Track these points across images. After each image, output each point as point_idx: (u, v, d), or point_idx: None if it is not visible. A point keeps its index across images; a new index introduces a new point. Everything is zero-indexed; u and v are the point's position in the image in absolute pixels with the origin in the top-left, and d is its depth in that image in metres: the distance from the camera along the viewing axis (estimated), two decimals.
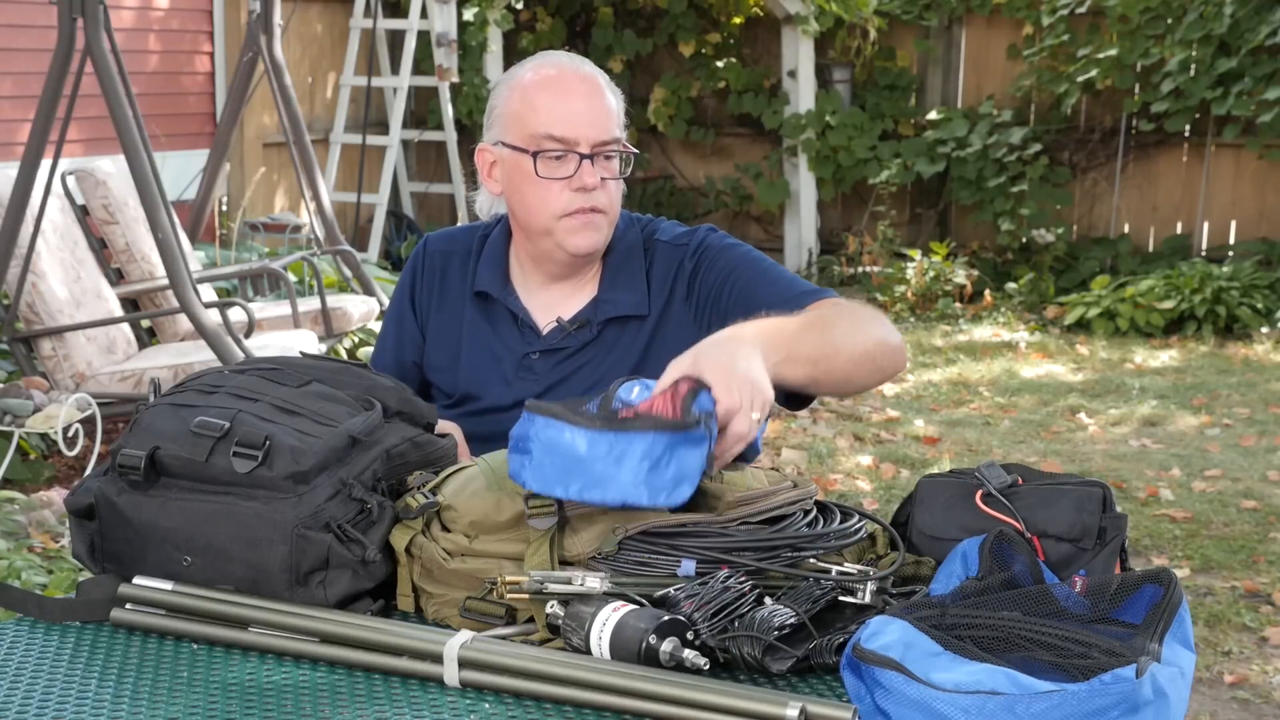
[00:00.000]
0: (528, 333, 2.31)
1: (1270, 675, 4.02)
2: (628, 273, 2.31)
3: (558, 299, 2.32)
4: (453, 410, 2.33)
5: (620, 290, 2.30)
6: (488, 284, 2.34)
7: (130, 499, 1.76)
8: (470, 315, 2.35)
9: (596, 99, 2.23)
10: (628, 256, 2.32)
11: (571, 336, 2.29)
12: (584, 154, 2.20)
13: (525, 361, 2.30)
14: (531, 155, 2.21)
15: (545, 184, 2.22)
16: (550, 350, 2.30)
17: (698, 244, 2.30)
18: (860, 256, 9.90)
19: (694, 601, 1.62)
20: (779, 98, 10.33)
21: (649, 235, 2.34)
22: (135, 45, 7.79)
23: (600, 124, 2.21)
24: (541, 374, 2.29)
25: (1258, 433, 6.53)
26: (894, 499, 5.07)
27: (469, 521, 1.76)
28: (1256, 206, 9.59)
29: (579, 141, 2.20)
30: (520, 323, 2.32)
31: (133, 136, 5.20)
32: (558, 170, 2.21)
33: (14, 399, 4.79)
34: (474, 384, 2.32)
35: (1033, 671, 1.44)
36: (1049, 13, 9.77)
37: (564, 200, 2.22)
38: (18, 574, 3.83)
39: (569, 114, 2.20)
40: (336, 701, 1.57)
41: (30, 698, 1.58)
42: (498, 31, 9.71)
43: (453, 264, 2.39)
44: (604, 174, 2.22)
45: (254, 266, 6.35)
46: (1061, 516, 1.73)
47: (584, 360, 2.29)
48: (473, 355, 2.33)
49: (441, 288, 2.38)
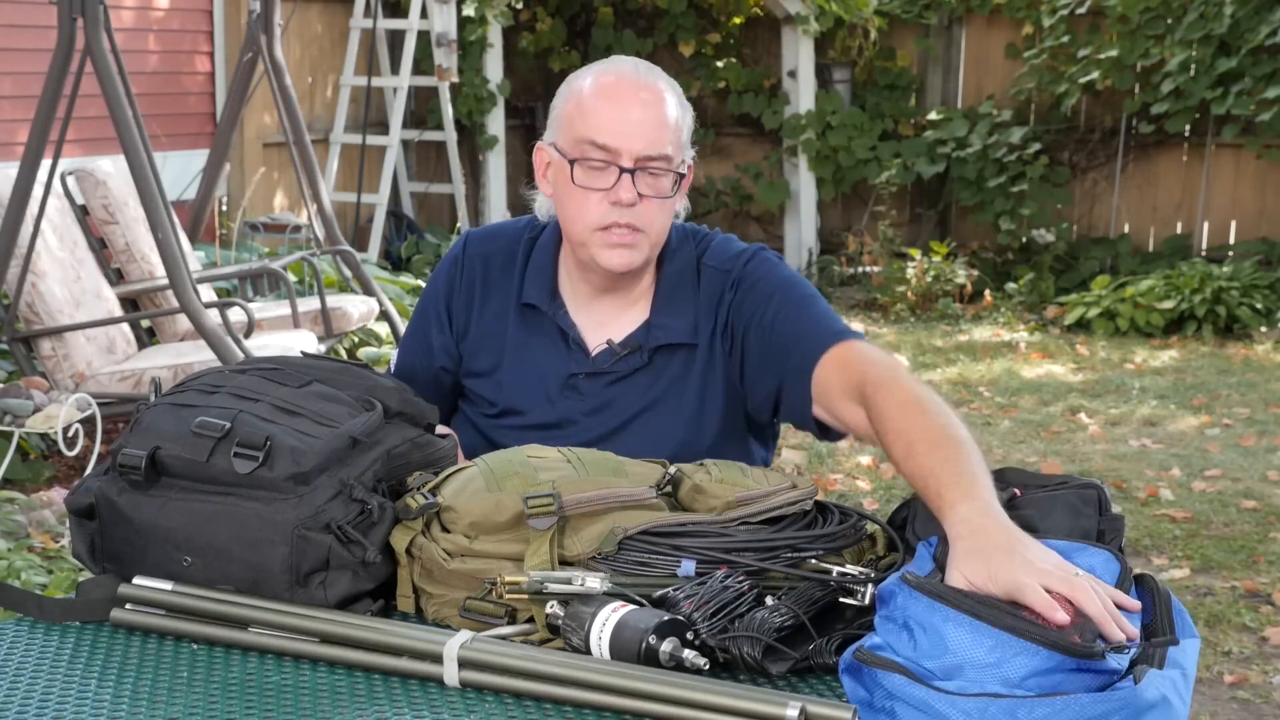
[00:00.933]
0: (576, 352, 2.22)
1: (1270, 675, 4.02)
2: (680, 297, 2.22)
3: (608, 316, 2.24)
4: (494, 421, 2.26)
5: (672, 316, 2.21)
6: (536, 297, 2.24)
7: (130, 499, 1.76)
8: (515, 326, 2.26)
9: (652, 110, 2.11)
10: (681, 278, 2.23)
11: (621, 361, 2.21)
12: (625, 167, 2.09)
13: (571, 381, 2.22)
14: (571, 162, 2.12)
15: (583, 193, 2.12)
16: (598, 373, 2.22)
17: (739, 272, 2.20)
18: (860, 256, 9.90)
19: (693, 602, 1.62)
20: (779, 98, 10.33)
21: (701, 254, 2.25)
22: (135, 45, 7.78)
23: (650, 137, 2.10)
24: (588, 395, 2.22)
25: (1258, 433, 6.53)
26: (894, 499, 5.06)
27: (469, 522, 1.76)
28: (1256, 206, 9.59)
29: (622, 153, 2.09)
30: (569, 341, 2.23)
31: (133, 136, 5.19)
32: (596, 181, 2.11)
33: (14, 399, 4.79)
34: (516, 398, 2.24)
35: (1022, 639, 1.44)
36: (1049, 13, 9.77)
37: (600, 213, 2.11)
38: (18, 574, 3.83)
39: (618, 123, 2.09)
40: (336, 701, 1.57)
41: (30, 698, 1.58)
42: (498, 31, 9.71)
43: (494, 267, 2.29)
44: (646, 191, 2.11)
45: (254, 266, 6.34)
46: (1059, 523, 1.72)
47: (632, 385, 2.22)
48: (516, 368, 2.25)
49: (483, 293, 2.28)
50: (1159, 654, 1.49)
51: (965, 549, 1.58)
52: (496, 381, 2.26)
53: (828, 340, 2.10)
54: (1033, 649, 1.43)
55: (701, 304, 2.22)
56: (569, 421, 2.21)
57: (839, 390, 2.04)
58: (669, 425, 2.20)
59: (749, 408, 2.23)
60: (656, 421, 2.20)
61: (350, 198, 9.13)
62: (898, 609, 1.51)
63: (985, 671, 1.43)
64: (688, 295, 2.22)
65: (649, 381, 2.21)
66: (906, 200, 10.40)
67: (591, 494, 1.76)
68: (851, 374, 2.03)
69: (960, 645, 1.44)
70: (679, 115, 2.15)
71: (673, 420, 2.20)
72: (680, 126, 2.15)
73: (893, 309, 9.28)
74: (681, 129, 2.16)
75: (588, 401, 2.22)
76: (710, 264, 2.23)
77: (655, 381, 2.21)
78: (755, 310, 2.18)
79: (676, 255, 2.25)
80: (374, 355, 6.62)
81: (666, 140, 2.12)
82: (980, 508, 1.65)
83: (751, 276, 2.20)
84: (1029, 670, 1.42)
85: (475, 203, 9.99)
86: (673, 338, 2.21)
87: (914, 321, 9.16)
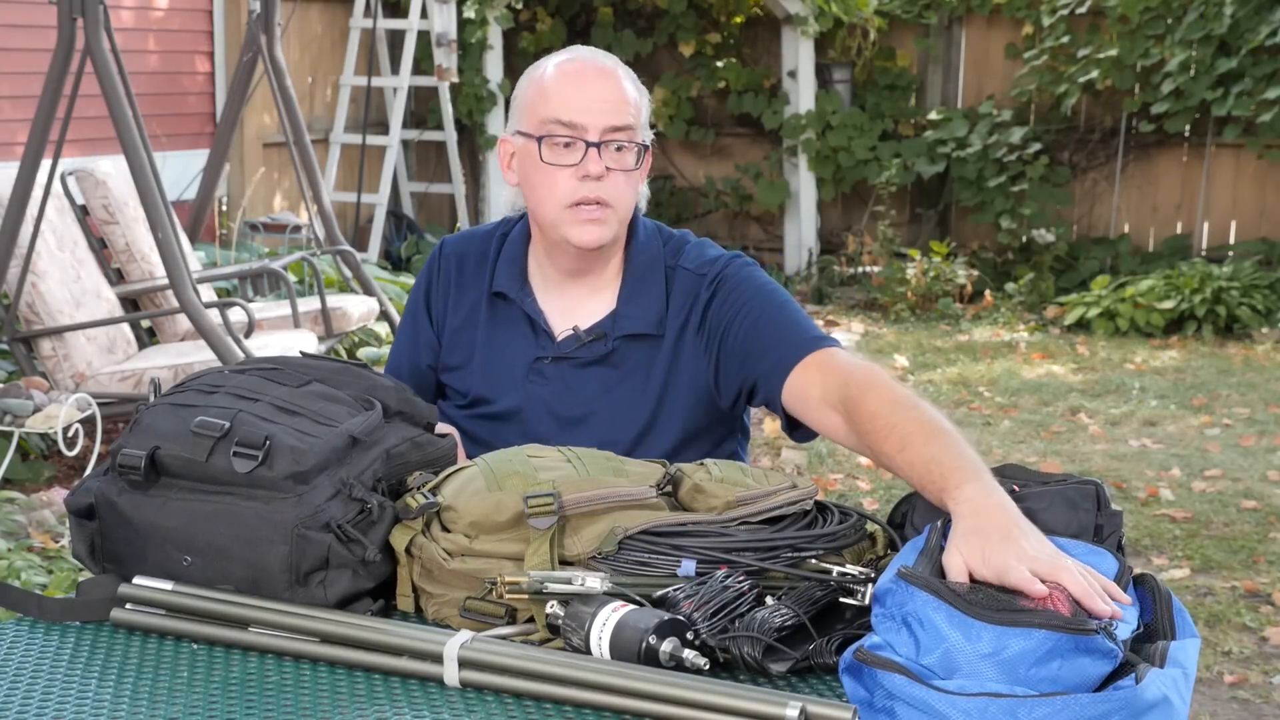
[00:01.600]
0: (542, 337, 2.29)
1: (1270, 675, 4.02)
2: (647, 288, 2.27)
3: (575, 303, 2.29)
4: (465, 411, 2.32)
5: (639, 306, 2.27)
6: (505, 285, 2.31)
7: (130, 499, 1.76)
8: (486, 317, 2.33)
9: (611, 86, 2.20)
10: (649, 271, 2.28)
11: (586, 347, 2.27)
12: (591, 141, 2.16)
13: (536, 365, 2.28)
14: (538, 140, 2.19)
15: (552, 171, 2.18)
16: (562, 358, 2.28)
17: (717, 274, 2.25)
18: (860, 256, 9.89)
19: (693, 602, 1.62)
20: (779, 98, 10.32)
21: (673, 255, 2.30)
22: (135, 45, 7.78)
23: (613, 111, 2.17)
24: (551, 379, 2.27)
25: (1258, 433, 6.53)
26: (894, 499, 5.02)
27: (469, 522, 1.76)
28: (1256, 206, 9.59)
29: (587, 128, 2.16)
30: (535, 327, 2.29)
31: (133, 136, 5.20)
32: (564, 157, 2.18)
33: (14, 399, 4.79)
34: (485, 387, 2.30)
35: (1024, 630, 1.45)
36: (1049, 13, 9.77)
37: (569, 189, 2.18)
38: (18, 574, 3.83)
39: (580, 100, 2.17)
40: (336, 701, 1.57)
41: (30, 698, 1.57)
42: (498, 31, 9.71)
43: (468, 265, 2.36)
44: (612, 164, 2.18)
45: (254, 266, 6.34)
46: (1057, 517, 1.72)
47: (594, 372, 2.27)
48: (487, 357, 2.32)
49: (458, 289, 2.36)
50: (1160, 653, 1.50)
51: (966, 527, 1.62)
52: (469, 373, 2.32)
53: (808, 345, 2.14)
54: (1026, 632, 1.44)
55: (673, 300, 2.26)
56: (531, 405, 2.26)
57: (818, 394, 2.08)
58: (630, 413, 2.25)
59: (720, 405, 2.27)
60: (617, 409, 2.25)
61: (350, 198, 9.13)
62: (894, 605, 1.51)
63: (984, 662, 1.43)
64: (655, 288, 2.27)
65: (611, 369, 2.26)
66: (906, 200, 10.40)
67: (592, 493, 1.76)
68: (832, 378, 2.06)
69: (956, 638, 1.45)
70: (637, 96, 2.23)
71: (633, 409, 2.25)
72: (639, 105, 2.23)
73: (893, 309, 9.28)
74: (640, 109, 2.23)
75: (551, 386, 2.26)
76: (686, 266, 2.28)
77: (617, 369, 2.26)
78: (734, 311, 2.22)
79: (645, 246, 2.30)
80: (374, 355, 6.62)
81: (628, 112, 2.20)
82: (985, 489, 1.69)
83: (732, 279, 2.25)
84: (1027, 654, 1.43)
85: (475, 203, 9.99)
86: (638, 328, 2.26)
87: (914, 321, 9.16)
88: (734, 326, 2.21)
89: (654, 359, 2.26)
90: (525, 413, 2.26)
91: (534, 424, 2.25)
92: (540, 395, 2.26)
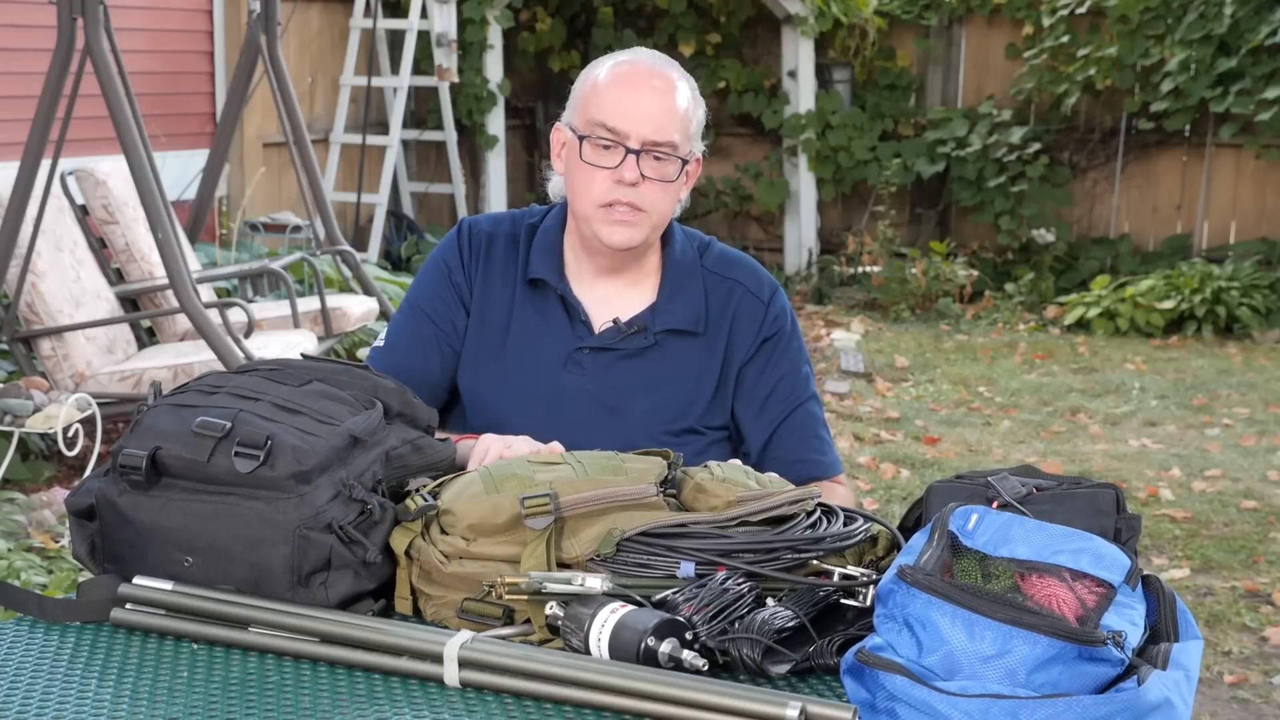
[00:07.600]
0: (580, 327, 2.29)
1: (1270, 675, 4.02)
2: (687, 286, 2.31)
3: (612, 295, 2.31)
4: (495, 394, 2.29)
5: (680, 303, 2.30)
6: (543, 271, 2.30)
7: (131, 499, 1.76)
8: (520, 300, 2.31)
9: (662, 98, 2.22)
10: (688, 272, 2.32)
11: (627, 339, 2.28)
12: (631, 148, 2.18)
13: (575, 355, 2.28)
14: (580, 139, 2.21)
15: (590, 170, 2.21)
16: (602, 349, 2.28)
17: (777, 312, 2.33)
18: (860, 256, 9.89)
19: (692, 605, 1.61)
20: (779, 98, 10.33)
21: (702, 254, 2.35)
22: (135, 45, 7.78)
23: (658, 123, 2.20)
24: (590, 370, 2.27)
25: (1258, 433, 6.53)
26: (894, 499, 5.06)
27: (467, 525, 1.76)
28: (1256, 206, 9.59)
29: (629, 135, 2.19)
30: (574, 316, 2.29)
31: (133, 136, 5.19)
32: (603, 159, 2.20)
33: (14, 399, 4.78)
34: (519, 371, 2.29)
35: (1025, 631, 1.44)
36: (1049, 13, 9.77)
37: (603, 189, 2.20)
38: (18, 574, 3.83)
39: (627, 107, 2.19)
40: (336, 701, 1.57)
41: (30, 698, 1.57)
42: (498, 31, 9.71)
43: (498, 246, 2.34)
44: (650, 174, 2.20)
45: (254, 267, 6.34)
46: (1077, 520, 1.72)
47: (633, 365, 2.28)
48: (520, 342, 2.30)
49: (486, 267, 2.33)
50: (1162, 655, 1.49)
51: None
52: (500, 356, 2.31)
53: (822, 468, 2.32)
54: (1033, 638, 1.43)
55: (713, 305, 2.30)
56: (568, 395, 2.26)
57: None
58: (665, 406, 2.27)
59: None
60: (653, 401, 2.27)
61: (350, 198, 9.12)
62: (896, 606, 1.51)
63: (987, 665, 1.43)
64: (695, 288, 2.31)
65: (650, 362, 2.28)
66: (906, 200, 10.40)
67: (589, 494, 1.76)
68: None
69: (959, 640, 1.44)
70: (689, 107, 2.25)
71: (669, 402, 2.27)
72: (690, 118, 2.25)
73: (893, 309, 9.28)
74: (691, 120, 2.25)
75: (589, 377, 2.27)
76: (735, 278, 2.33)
77: (656, 363, 2.28)
78: (777, 378, 2.32)
79: (682, 251, 2.34)
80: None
81: (674, 128, 2.21)
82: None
83: (783, 316, 2.34)
84: (1030, 660, 1.42)
85: (475, 203, 9.99)
86: (679, 324, 2.29)
87: (914, 321, 9.16)
88: (774, 399, 2.31)
89: (689, 355, 2.29)
90: (561, 402, 2.26)
91: (567, 414, 2.24)
92: (578, 385, 2.26)
